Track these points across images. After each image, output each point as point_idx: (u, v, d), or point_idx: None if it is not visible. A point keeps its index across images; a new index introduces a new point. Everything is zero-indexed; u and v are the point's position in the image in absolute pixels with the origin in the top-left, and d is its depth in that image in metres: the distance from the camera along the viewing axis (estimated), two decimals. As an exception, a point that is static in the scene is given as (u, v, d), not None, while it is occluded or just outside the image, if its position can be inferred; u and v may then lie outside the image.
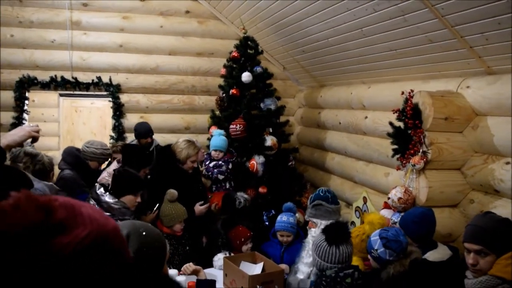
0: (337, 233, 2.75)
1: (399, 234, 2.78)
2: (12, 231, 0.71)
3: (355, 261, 3.05)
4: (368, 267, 3.08)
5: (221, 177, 4.86)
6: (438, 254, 2.87)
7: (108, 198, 3.42)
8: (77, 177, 4.33)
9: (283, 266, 3.71)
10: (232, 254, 3.93)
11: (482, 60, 3.20)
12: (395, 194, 3.39)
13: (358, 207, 4.54)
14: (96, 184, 3.64)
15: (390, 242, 2.74)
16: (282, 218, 3.96)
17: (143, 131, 5.29)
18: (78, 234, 0.75)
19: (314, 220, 3.60)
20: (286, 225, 3.90)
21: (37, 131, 2.70)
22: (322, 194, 3.66)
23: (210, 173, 4.92)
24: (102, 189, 3.47)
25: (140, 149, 4.69)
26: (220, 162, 4.87)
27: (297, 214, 4.63)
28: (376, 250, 2.75)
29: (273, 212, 4.90)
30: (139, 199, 3.60)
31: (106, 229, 0.82)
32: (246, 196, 4.60)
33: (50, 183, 3.83)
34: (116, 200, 3.42)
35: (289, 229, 3.90)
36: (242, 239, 4.03)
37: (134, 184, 3.61)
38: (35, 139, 2.72)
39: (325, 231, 2.81)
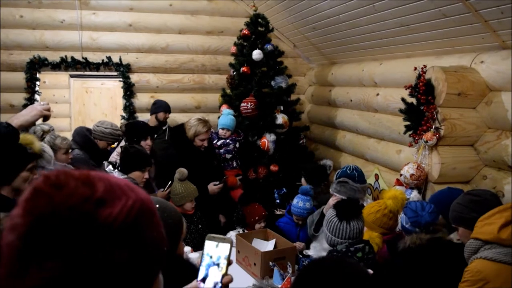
0: (348, 209, 2.75)
1: (424, 209, 2.78)
2: (60, 212, 0.69)
3: (376, 237, 3.04)
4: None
5: (228, 156, 4.86)
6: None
7: (117, 174, 3.47)
8: (86, 157, 4.36)
9: (301, 244, 3.73)
10: (245, 231, 3.97)
11: (496, 34, 3.14)
12: (407, 170, 3.38)
13: (370, 184, 4.53)
14: (104, 162, 3.68)
15: (407, 209, 2.77)
16: (299, 203, 3.85)
17: (164, 104, 5.38)
18: (124, 205, 0.74)
19: (338, 196, 3.51)
20: (302, 211, 3.84)
21: (48, 109, 2.71)
22: (349, 172, 3.60)
23: (217, 153, 4.94)
24: (110, 166, 3.52)
25: (138, 123, 4.68)
26: (227, 141, 4.88)
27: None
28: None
29: (285, 190, 4.92)
30: (146, 175, 3.65)
31: (144, 197, 0.81)
32: (330, 161, 4.62)
33: (64, 163, 3.87)
34: (125, 176, 3.47)
35: (304, 215, 3.87)
36: (257, 217, 4.05)
37: (141, 160, 3.65)
38: (46, 117, 2.74)
39: (336, 207, 2.81)
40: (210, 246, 1.30)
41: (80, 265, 0.68)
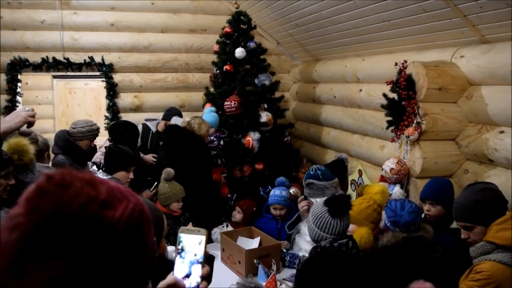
0: (341, 206, 2.73)
1: (404, 208, 2.77)
2: (68, 211, 0.70)
3: (365, 233, 3.04)
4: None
5: (212, 152, 4.84)
6: None
7: (101, 175, 3.43)
8: (70, 162, 4.31)
9: (284, 242, 3.74)
10: (229, 227, 4.02)
11: (476, 28, 3.16)
12: (388, 165, 3.40)
13: (353, 180, 4.55)
14: (88, 163, 3.64)
15: (387, 208, 2.78)
16: (275, 192, 3.97)
17: (177, 112, 5.40)
18: (125, 207, 0.75)
19: (310, 199, 3.61)
20: (279, 198, 3.91)
21: (33, 116, 2.64)
22: (312, 173, 3.65)
23: None
24: (94, 167, 3.49)
25: (127, 125, 4.64)
26: (212, 138, 4.85)
27: (293, 189, 4.66)
28: None
29: (270, 188, 4.90)
30: (131, 175, 3.61)
31: (141, 201, 0.82)
32: (344, 154, 4.67)
33: (46, 165, 3.82)
34: (110, 176, 3.43)
35: (282, 202, 3.91)
36: (249, 211, 4.18)
37: (126, 160, 3.62)
38: (31, 123, 2.67)
39: (328, 203, 2.77)
40: (191, 241, 1.27)
41: (85, 263, 0.69)
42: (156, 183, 3.99)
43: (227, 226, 4.06)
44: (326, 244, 2.71)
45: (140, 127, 5.15)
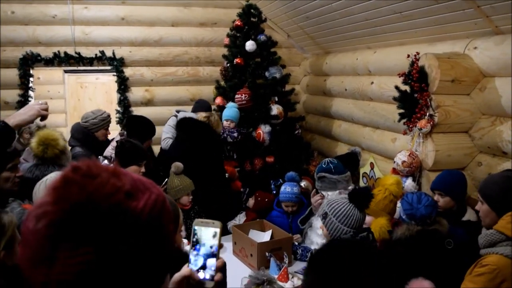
0: (365, 197, 2.71)
1: (421, 201, 2.75)
2: (95, 200, 0.72)
3: (384, 223, 3.03)
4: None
5: (229, 140, 4.81)
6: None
7: None
8: (88, 153, 4.35)
9: (297, 236, 3.75)
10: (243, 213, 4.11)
11: (489, 19, 3.13)
12: (399, 157, 3.38)
13: (365, 173, 4.53)
14: (99, 157, 3.65)
15: (403, 201, 2.76)
16: (286, 188, 3.93)
17: (206, 105, 5.41)
18: (148, 198, 0.77)
19: (322, 192, 3.58)
20: (291, 195, 3.90)
21: (46, 109, 2.67)
22: (324, 166, 3.61)
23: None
24: (106, 161, 3.49)
25: (144, 120, 4.66)
26: (232, 129, 4.85)
27: (304, 182, 4.65)
28: None
29: (281, 181, 4.90)
30: (143, 169, 3.63)
31: (163, 192, 0.84)
32: (358, 148, 4.67)
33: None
34: None
35: (293, 200, 3.90)
36: (262, 202, 4.22)
37: (137, 154, 3.63)
38: (44, 117, 2.70)
39: (354, 196, 2.74)
40: (205, 234, 1.28)
41: (111, 252, 0.71)
42: (166, 179, 4.01)
43: (240, 213, 4.10)
44: (348, 238, 2.68)
45: (173, 119, 5.13)
